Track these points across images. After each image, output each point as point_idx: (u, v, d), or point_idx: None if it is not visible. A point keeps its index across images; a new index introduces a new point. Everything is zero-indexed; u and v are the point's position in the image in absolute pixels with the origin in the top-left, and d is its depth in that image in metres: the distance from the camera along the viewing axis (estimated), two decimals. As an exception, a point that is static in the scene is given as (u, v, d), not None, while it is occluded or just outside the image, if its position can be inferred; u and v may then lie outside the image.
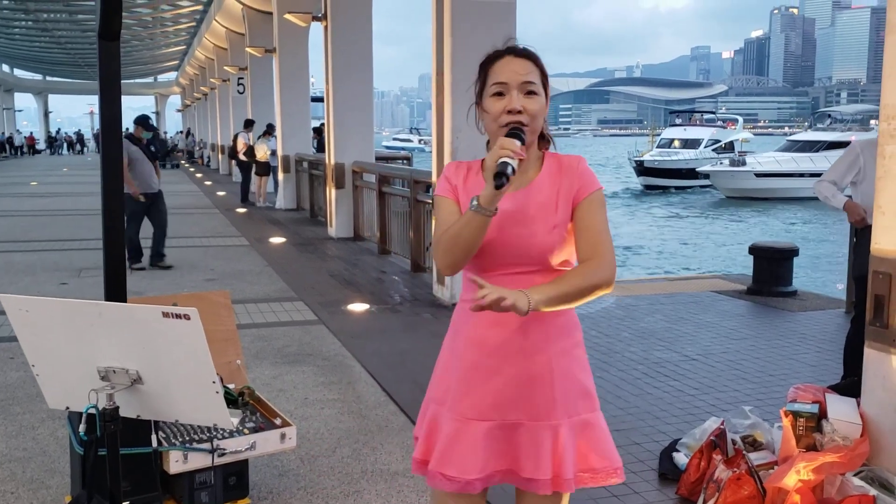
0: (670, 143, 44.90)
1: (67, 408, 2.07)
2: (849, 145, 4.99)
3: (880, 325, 3.20)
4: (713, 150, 42.71)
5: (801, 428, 3.26)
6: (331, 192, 11.66)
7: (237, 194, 17.27)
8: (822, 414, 3.32)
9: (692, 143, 43.66)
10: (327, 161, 11.76)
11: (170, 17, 29.24)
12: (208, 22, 25.01)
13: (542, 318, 1.86)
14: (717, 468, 3.23)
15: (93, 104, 71.02)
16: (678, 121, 51.21)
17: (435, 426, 1.95)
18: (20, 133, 55.32)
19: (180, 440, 3.02)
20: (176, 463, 2.95)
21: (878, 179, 3.22)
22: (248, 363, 4.91)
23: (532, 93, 1.86)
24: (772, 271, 7.52)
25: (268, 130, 16.63)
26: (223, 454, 3.03)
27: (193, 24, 29.40)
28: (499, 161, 1.71)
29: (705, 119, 51.62)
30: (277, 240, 11.25)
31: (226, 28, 22.54)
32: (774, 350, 5.69)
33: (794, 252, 7.63)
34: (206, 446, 3.00)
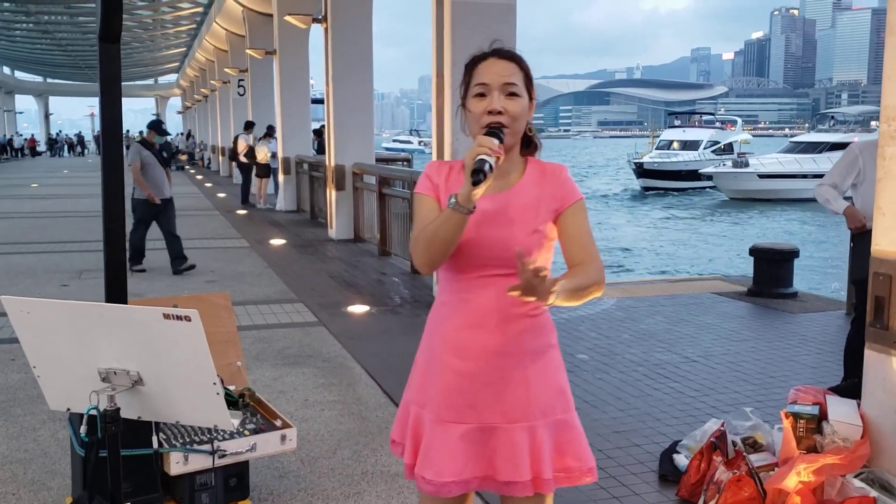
0: (669, 145, 44.88)
1: (68, 409, 2.07)
2: (847, 147, 4.97)
3: (880, 327, 3.20)
4: (712, 152, 42.72)
5: (802, 429, 3.26)
6: (331, 194, 11.66)
7: (237, 196, 17.27)
8: (823, 415, 3.32)
9: (691, 145, 43.65)
10: (327, 163, 11.77)
11: (170, 19, 29.29)
12: (208, 24, 25.03)
13: (518, 320, 1.88)
14: (718, 470, 3.23)
15: (93, 106, 71.09)
16: (677, 122, 51.21)
17: (419, 429, 1.95)
18: (20, 136, 55.30)
19: (181, 441, 3.03)
20: (177, 464, 2.95)
21: (879, 181, 3.22)
22: (249, 365, 4.92)
23: (514, 94, 1.87)
24: (772, 273, 7.52)
25: (268, 132, 16.63)
26: (224, 455, 3.04)
27: (194, 26, 29.44)
28: (476, 158, 1.71)
29: (704, 121, 51.57)
30: (278, 241, 11.26)
31: (226, 30, 22.56)
32: (775, 352, 5.69)
33: (795, 254, 7.62)
34: (207, 448, 3.00)
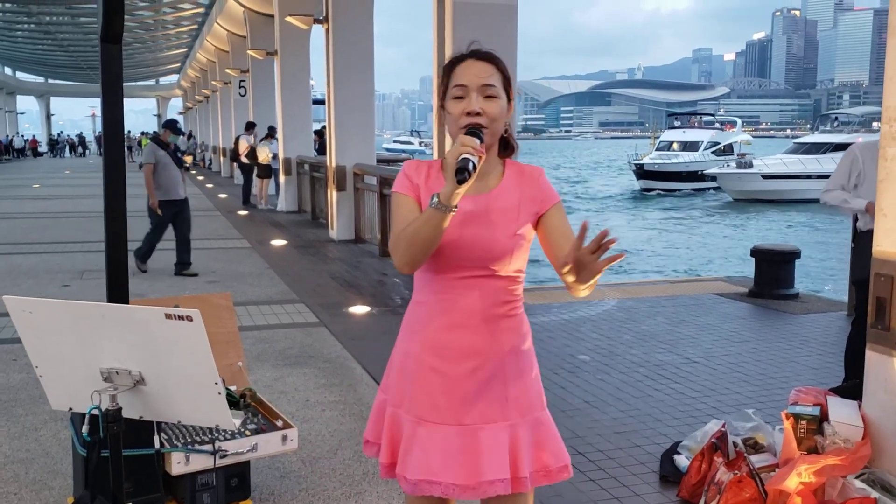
0: (669, 146, 44.79)
1: (70, 409, 2.07)
2: (848, 148, 4.93)
3: (882, 328, 3.20)
4: (712, 153, 42.67)
5: (803, 430, 3.26)
6: (332, 195, 11.67)
7: (238, 197, 17.28)
8: (824, 416, 3.32)
9: (691, 146, 43.56)
10: (328, 163, 11.77)
11: (171, 20, 29.32)
12: (210, 24, 25.04)
13: (499, 320, 1.90)
14: (719, 470, 3.23)
15: (94, 107, 71.19)
16: (676, 123, 51.09)
17: (397, 429, 1.95)
18: (20, 136, 55.32)
19: (182, 442, 3.03)
20: (178, 464, 2.96)
21: (880, 182, 3.22)
22: (250, 365, 4.92)
23: (492, 96, 1.88)
24: (773, 274, 7.51)
25: (270, 133, 16.63)
26: (225, 456, 3.04)
27: (195, 27, 29.46)
28: (460, 157, 1.72)
29: (703, 121, 51.47)
30: (279, 242, 11.26)
31: (227, 31, 22.57)
32: (776, 352, 5.69)
33: (796, 254, 7.62)
34: (208, 448, 3.01)
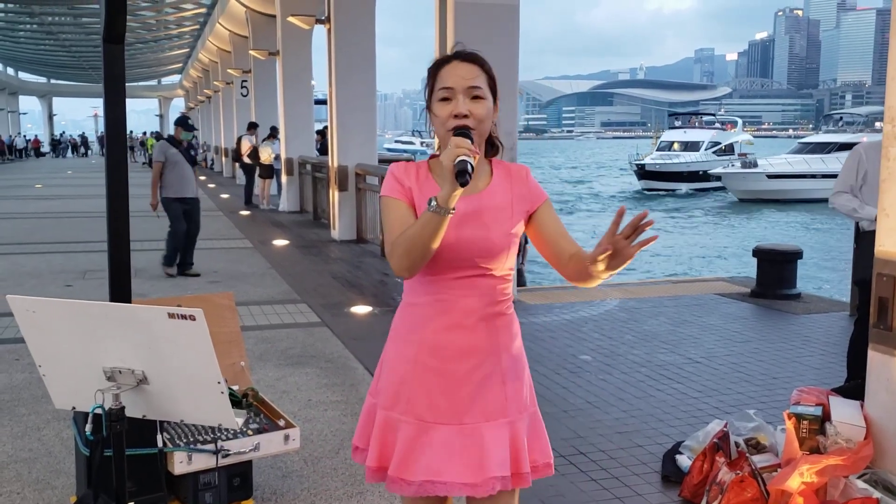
0: (670, 146, 44.72)
1: (73, 408, 2.08)
2: (853, 148, 4.91)
3: (884, 328, 3.20)
4: (713, 153, 42.60)
5: (805, 430, 3.26)
6: (334, 195, 11.67)
7: (240, 197, 17.28)
8: (826, 416, 3.32)
9: (692, 146, 43.49)
10: (330, 163, 11.77)
11: (173, 20, 29.35)
12: (212, 25, 25.06)
13: (495, 318, 1.92)
14: (721, 470, 3.23)
15: (97, 107, 71.25)
16: (677, 123, 51.01)
17: (389, 432, 1.94)
18: (22, 136, 55.38)
19: (185, 441, 3.03)
20: (180, 464, 2.96)
21: (883, 181, 3.21)
22: (252, 365, 4.93)
23: (478, 97, 1.89)
24: (775, 274, 7.51)
25: (272, 133, 16.63)
26: (227, 455, 3.04)
27: (197, 27, 29.48)
28: (457, 159, 1.71)
29: (704, 121, 51.38)
30: (281, 242, 11.27)
31: (229, 31, 22.58)
32: (778, 353, 5.68)
33: (799, 255, 7.60)
34: (211, 447, 3.01)
